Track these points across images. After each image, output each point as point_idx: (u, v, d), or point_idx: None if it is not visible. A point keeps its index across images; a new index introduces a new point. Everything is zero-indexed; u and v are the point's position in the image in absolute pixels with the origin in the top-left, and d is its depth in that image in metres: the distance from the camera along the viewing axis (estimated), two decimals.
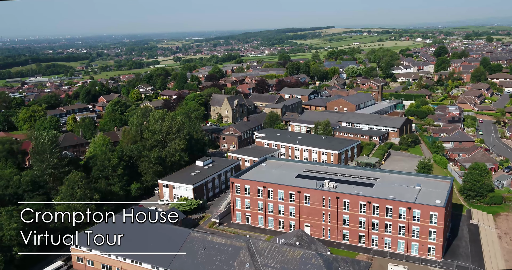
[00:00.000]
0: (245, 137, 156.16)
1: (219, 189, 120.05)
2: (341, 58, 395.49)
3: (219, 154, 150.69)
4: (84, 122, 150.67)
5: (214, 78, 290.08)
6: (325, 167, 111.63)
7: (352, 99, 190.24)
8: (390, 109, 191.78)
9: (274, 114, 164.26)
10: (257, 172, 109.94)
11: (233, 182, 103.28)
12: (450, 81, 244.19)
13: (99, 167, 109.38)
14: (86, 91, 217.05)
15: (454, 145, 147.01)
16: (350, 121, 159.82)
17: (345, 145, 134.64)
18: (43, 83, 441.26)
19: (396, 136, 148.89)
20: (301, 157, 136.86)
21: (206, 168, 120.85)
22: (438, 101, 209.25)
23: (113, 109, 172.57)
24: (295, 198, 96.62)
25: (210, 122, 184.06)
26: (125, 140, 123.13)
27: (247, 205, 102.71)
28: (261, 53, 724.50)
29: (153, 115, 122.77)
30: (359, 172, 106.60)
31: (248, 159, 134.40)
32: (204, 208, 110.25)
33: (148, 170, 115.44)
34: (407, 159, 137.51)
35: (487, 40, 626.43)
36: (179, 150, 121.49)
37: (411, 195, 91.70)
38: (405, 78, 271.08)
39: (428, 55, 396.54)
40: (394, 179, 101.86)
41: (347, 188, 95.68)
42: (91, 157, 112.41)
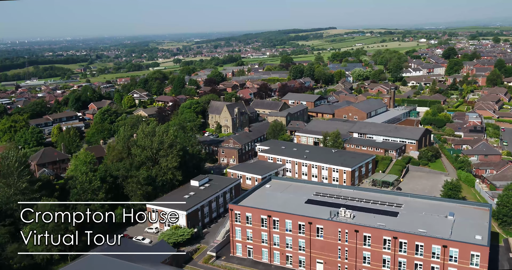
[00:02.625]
0: (247, 150, 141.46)
1: (216, 213, 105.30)
2: (346, 60, 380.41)
3: (217, 169, 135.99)
4: (69, 134, 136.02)
5: (214, 82, 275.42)
6: (338, 190, 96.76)
7: (362, 106, 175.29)
8: (403, 117, 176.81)
9: (278, 124, 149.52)
10: (260, 195, 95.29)
11: (233, 209, 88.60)
12: (465, 85, 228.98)
13: (78, 191, 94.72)
14: (75, 98, 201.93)
15: (479, 158, 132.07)
16: (362, 132, 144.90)
17: (359, 160, 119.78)
18: (38, 86, 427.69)
19: (415, 149, 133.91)
20: (309, 174, 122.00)
21: (202, 188, 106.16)
22: (454, 108, 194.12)
23: (102, 118, 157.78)
24: (305, 230, 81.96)
25: (208, 131, 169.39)
26: (110, 157, 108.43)
27: (249, 236, 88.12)
28: (262, 54, 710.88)
29: (142, 129, 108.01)
30: (378, 197, 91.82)
31: (250, 177, 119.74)
32: (199, 237, 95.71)
33: (136, 192, 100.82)
34: (428, 176, 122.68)
35: (494, 41, 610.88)
36: (172, 168, 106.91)
37: (444, 228, 76.94)
38: (416, 82, 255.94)
39: (436, 56, 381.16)
40: (421, 206, 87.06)
41: (367, 218, 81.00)
42: (69, 178, 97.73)
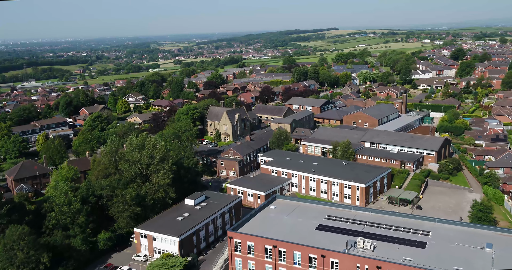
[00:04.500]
0: (248, 161, 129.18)
1: (214, 236, 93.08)
2: (351, 61, 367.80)
3: (216, 183, 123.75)
4: (53, 144, 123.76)
5: (214, 84, 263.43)
6: (353, 213, 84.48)
7: (373, 112, 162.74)
8: (416, 123, 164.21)
9: (283, 132, 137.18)
10: (263, 219, 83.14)
11: (232, 237, 76.33)
12: (479, 88, 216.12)
13: (56, 214, 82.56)
14: (66, 102, 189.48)
15: (504, 171, 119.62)
16: (374, 141, 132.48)
17: (373, 175, 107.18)
18: (34, 88, 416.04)
19: (434, 161, 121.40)
20: (317, 190, 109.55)
21: (197, 208, 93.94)
22: (470, 113, 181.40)
23: (92, 125, 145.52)
24: (317, 264, 69.70)
25: (207, 139, 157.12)
26: (95, 173, 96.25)
27: (251, 268, 75.93)
28: (264, 55, 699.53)
29: (131, 141, 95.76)
30: (401, 221, 79.56)
31: (252, 193, 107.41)
32: (193, 266, 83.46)
33: (123, 213, 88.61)
34: (450, 192, 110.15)
35: (501, 42, 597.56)
36: (164, 185, 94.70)
37: (483, 263, 64.72)
38: (426, 85, 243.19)
39: (445, 58, 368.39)
40: (451, 234, 74.68)
41: (390, 250, 68.80)
42: (46, 200, 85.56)
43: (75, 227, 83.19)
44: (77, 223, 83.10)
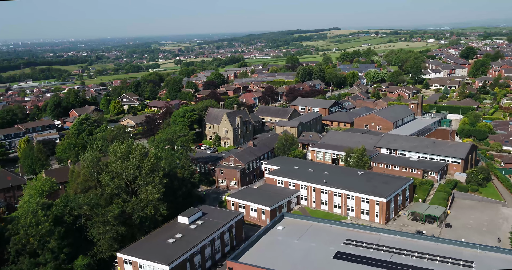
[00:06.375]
0: (251, 169, 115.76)
1: (211, 261, 79.61)
2: (357, 60, 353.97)
3: (214, 194, 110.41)
4: (33, 151, 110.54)
5: (214, 84, 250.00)
6: (377, 236, 71.18)
7: (386, 114, 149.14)
8: (434, 126, 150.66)
9: (289, 137, 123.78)
10: (270, 244, 69.91)
11: (232, 268, 63.00)
12: (497, 88, 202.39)
13: (21, 237, 69.30)
14: (54, 103, 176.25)
15: None
16: (391, 147, 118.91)
17: (394, 187, 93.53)
18: (30, 88, 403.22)
19: (460, 170, 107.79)
20: (330, 204, 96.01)
21: (192, 228, 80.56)
22: (489, 114, 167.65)
23: (79, 128, 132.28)
24: None
25: (205, 144, 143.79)
26: (74, 186, 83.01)
27: None
28: (266, 55, 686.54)
29: (113, 149, 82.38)
30: (434, 248, 66.32)
31: (255, 208, 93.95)
32: None
33: (104, 235, 75.27)
34: (482, 207, 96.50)
35: (509, 41, 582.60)
36: (154, 200, 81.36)
37: None
38: (439, 85, 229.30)
39: (455, 57, 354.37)
40: (496, 264, 61.32)
41: None
42: (10, 221, 72.32)
43: (46, 252, 69.91)
44: (48, 248, 69.81)
